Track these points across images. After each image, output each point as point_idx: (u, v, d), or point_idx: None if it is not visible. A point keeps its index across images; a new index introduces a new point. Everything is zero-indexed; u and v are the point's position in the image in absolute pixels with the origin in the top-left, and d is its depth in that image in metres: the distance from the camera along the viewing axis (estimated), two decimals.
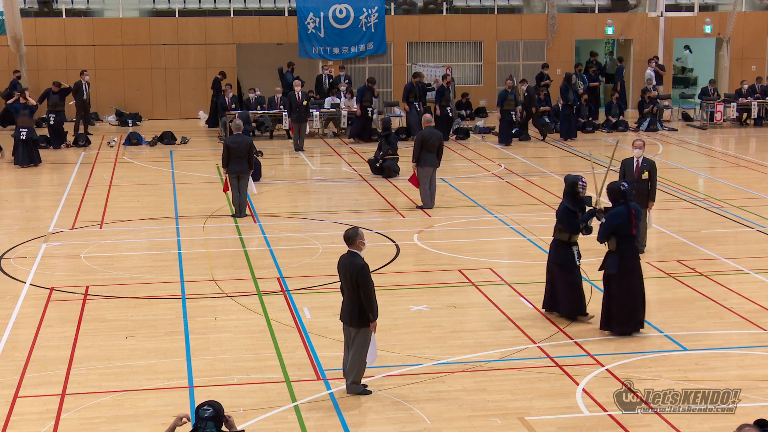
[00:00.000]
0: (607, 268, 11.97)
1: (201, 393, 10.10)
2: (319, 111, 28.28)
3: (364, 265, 10.04)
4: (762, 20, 35.00)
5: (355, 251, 10.15)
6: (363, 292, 10.00)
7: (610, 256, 11.97)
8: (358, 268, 10.02)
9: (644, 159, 15.38)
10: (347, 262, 10.13)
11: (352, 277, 10.04)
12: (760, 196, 19.96)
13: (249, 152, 18.12)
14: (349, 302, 10.15)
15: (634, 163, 15.37)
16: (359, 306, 10.06)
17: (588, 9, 34.73)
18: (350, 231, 10.22)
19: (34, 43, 31.09)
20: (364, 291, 10.00)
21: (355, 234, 10.17)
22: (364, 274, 10.00)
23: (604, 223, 12.01)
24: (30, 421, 9.71)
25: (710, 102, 30.24)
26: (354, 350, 10.18)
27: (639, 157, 15.32)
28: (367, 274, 10.04)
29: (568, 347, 11.60)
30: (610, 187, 12.28)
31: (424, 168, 18.80)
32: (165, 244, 16.65)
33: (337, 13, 32.50)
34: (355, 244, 10.15)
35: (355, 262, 10.06)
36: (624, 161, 15.61)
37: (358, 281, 10.00)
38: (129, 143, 27.37)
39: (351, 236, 10.17)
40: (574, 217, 12.43)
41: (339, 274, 10.35)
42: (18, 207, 19.71)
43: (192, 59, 32.02)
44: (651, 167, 15.37)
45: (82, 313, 12.91)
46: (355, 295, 10.07)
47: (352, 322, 10.13)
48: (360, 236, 10.17)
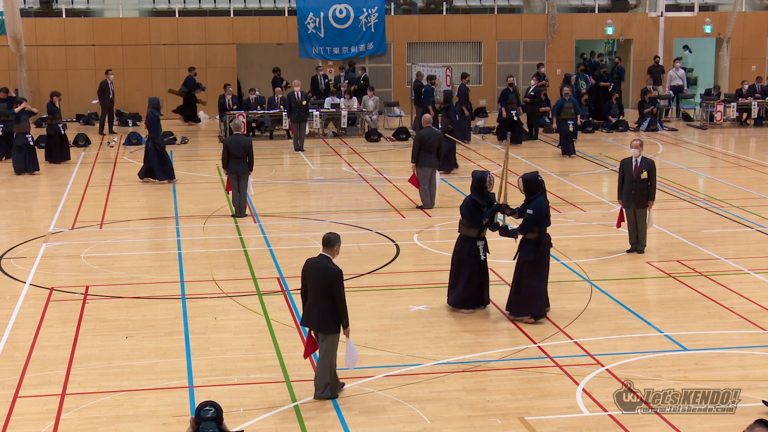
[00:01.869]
0: (524, 255, 12.43)
1: (201, 393, 10.10)
2: (319, 111, 28.28)
3: (339, 272, 9.90)
4: (762, 20, 35.01)
5: (328, 256, 10.00)
6: (338, 298, 9.86)
7: (528, 244, 12.43)
8: (333, 274, 9.85)
9: (643, 158, 15.39)
10: (320, 267, 9.94)
11: (325, 282, 9.86)
12: (760, 196, 19.96)
13: (248, 152, 18.11)
14: (318, 307, 9.93)
15: (633, 163, 15.37)
16: (329, 312, 9.90)
17: (588, 9, 34.74)
18: (332, 235, 10.05)
19: (34, 43, 31.11)
20: (339, 298, 9.86)
21: (337, 239, 10.03)
22: (339, 281, 9.86)
23: (531, 215, 12.30)
24: (30, 421, 9.71)
25: (710, 102, 30.25)
26: (321, 356, 10.02)
27: (637, 156, 15.34)
28: (342, 281, 9.90)
29: (568, 347, 11.60)
30: (527, 178, 12.61)
31: (423, 168, 18.80)
32: (165, 244, 16.65)
33: (337, 13, 32.51)
34: (332, 249, 10.00)
35: (329, 267, 9.89)
36: (623, 161, 15.63)
37: (332, 287, 9.85)
38: (129, 143, 27.37)
39: (332, 240, 10.00)
40: (478, 212, 12.68)
41: (304, 278, 10.10)
42: (18, 207, 19.71)
43: (192, 59, 32.02)
44: (650, 167, 15.38)
45: (82, 313, 12.91)
46: (326, 301, 9.88)
47: (321, 327, 9.95)
48: (340, 243, 10.05)
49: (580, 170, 23.02)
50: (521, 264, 12.52)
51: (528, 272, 12.45)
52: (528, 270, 12.46)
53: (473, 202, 12.77)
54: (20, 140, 22.79)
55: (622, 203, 15.53)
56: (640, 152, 15.39)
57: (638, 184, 15.30)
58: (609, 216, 18.06)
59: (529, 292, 12.43)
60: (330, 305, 9.89)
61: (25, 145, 22.76)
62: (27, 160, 22.75)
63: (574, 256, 15.42)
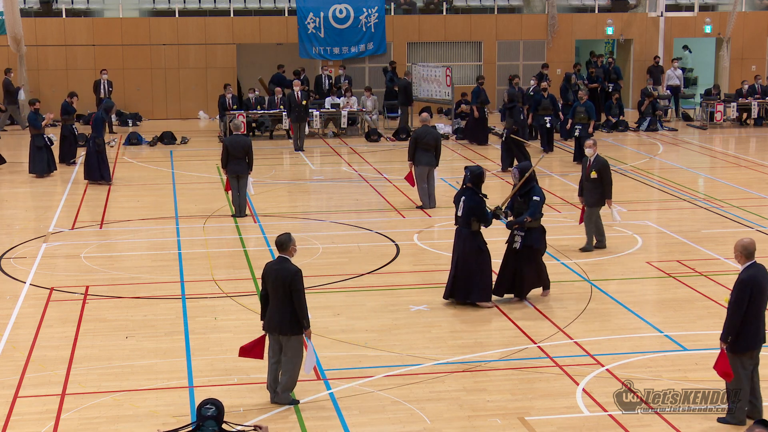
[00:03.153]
0: (533, 243, 13.09)
1: (201, 393, 10.10)
2: (319, 111, 28.27)
3: (298, 271, 9.88)
4: (762, 20, 35.00)
5: (286, 257, 9.98)
6: (296, 298, 9.82)
7: (535, 232, 13.14)
8: (291, 273, 9.83)
9: (596, 158, 15.61)
10: (278, 268, 9.92)
11: (284, 283, 9.82)
12: (760, 196, 19.96)
13: (248, 152, 18.11)
14: (279, 310, 9.89)
15: (586, 163, 15.70)
16: (291, 313, 9.86)
17: (588, 9, 34.74)
18: (283, 237, 10.03)
19: (34, 43, 31.10)
20: (298, 297, 9.82)
21: (289, 240, 10.01)
22: (298, 280, 9.83)
23: (539, 201, 13.09)
24: (30, 421, 9.71)
25: (710, 102, 30.25)
26: (288, 358, 9.96)
27: (591, 156, 15.59)
28: (301, 280, 9.87)
29: (568, 347, 11.60)
30: (522, 167, 13.41)
31: (420, 167, 18.79)
32: (165, 244, 16.65)
33: (337, 13, 32.50)
34: (288, 250, 9.99)
35: (287, 268, 9.87)
36: (583, 159, 16.10)
37: (291, 287, 9.81)
38: (129, 143, 27.38)
39: (284, 242, 9.99)
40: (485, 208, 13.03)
41: (264, 282, 10.06)
42: (18, 207, 19.71)
43: (192, 59, 32.03)
44: (601, 167, 15.56)
45: (82, 313, 12.91)
46: (287, 302, 9.85)
47: (284, 329, 9.89)
48: (293, 242, 10.03)
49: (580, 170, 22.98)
50: (527, 251, 13.08)
51: (531, 258, 13.13)
52: (531, 256, 13.13)
53: (482, 200, 12.98)
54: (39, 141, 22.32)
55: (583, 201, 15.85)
56: (594, 152, 15.61)
57: (589, 183, 15.58)
58: (609, 216, 18.03)
59: (531, 276, 13.18)
60: (291, 306, 9.85)
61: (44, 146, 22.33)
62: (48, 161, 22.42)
63: (574, 256, 15.42)
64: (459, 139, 27.93)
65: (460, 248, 13.01)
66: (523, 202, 13.22)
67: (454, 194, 13.68)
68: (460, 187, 13.25)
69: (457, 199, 13.15)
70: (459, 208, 13.04)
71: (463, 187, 13.12)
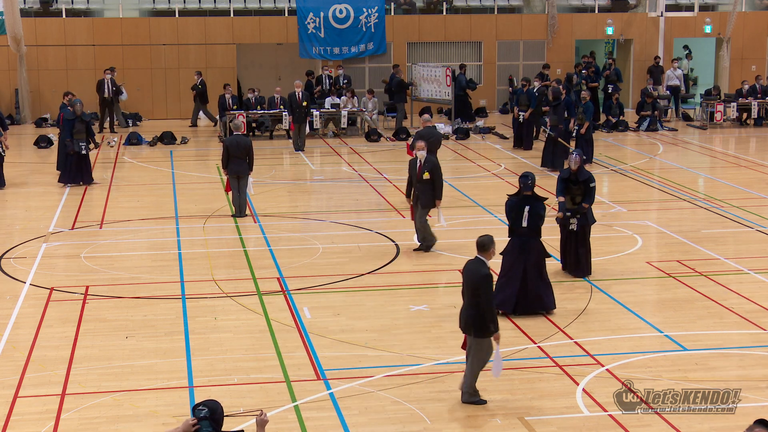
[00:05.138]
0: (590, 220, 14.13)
1: (201, 393, 10.10)
2: (319, 111, 28.27)
3: (488, 276, 9.85)
4: (762, 20, 35.00)
5: (483, 259, 9.98)
6: (483, 302, 9.80)
7: (590, 211, 14.10)
8: (480, 276, 9.84)
9: (427, 159, 15.60)
10: (471, 268, 9.95)
11: (472, 284, 9.86)
12: (760, 196, 19.96)
13: (248, 153, 18.11)
14: (466, 309, 9.97)
15: (417, 164, 15.59)
16: (475, 315, 9.85)
17: (588, 9, 34.74)
18: (486, 238, 10.02)
19: (34, 43, 31.10)
20: (485, 301, 9.80)
21: (491, 242, 10.01)
22: (485, 284, 9.82)
23: (594, 185, 14.02)
24: (30, 421, 9.71)
25: (710, 102, 30.25)
26: (471, 358, 10.00)
27: (422, 158, 15.57)
28: (490, 285, 9.85)
29: (568, 347, 11.60)
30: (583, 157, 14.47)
31: None
32: (165, 244, 16.65)
33: (337, 13, 32.50)
34: (487, 252, 9.99)
35: (478, 271, 9.87)
36: (410, 161, 15.87)
37: (478, 290, 9.82)
38: (129, 143, 27.38)
39: (486, 243, 9.99)
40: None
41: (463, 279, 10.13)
42: (18, 207, 19.71)
43: (192, 59, 32.02)
44: (433, 167, 15.57)
45: (82, 313, 12.91)
46: (474, 303, 9.86)
47: (468, 329, 9.95)
48: (494, 245, 10.05)
49: None
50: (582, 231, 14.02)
51: (586, 237, 14.09)
52: (587, 235, 14.10)
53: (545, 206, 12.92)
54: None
55: (411, 202, 15.80)
56: (425, 153, 15.64)
57: (421, 184, 15.56)
58: (609, 216, 18.06)
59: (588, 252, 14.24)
60: (477, 308, 9.85)
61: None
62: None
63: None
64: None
65: (527, 259, 12.64)
66: (577, 188, 13.96)
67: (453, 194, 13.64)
68: (517, 196, 12.80)
69: (517, 209, 12.72)
70: (523, 218, 12.60)
71: (523, 195, 12.71)
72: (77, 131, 21.27)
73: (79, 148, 21.24)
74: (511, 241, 12.81)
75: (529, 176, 12.76)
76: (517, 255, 12.67)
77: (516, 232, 12.75)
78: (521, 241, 12.69)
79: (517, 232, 12.73)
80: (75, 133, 21.22)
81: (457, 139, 28.11)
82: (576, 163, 14.07)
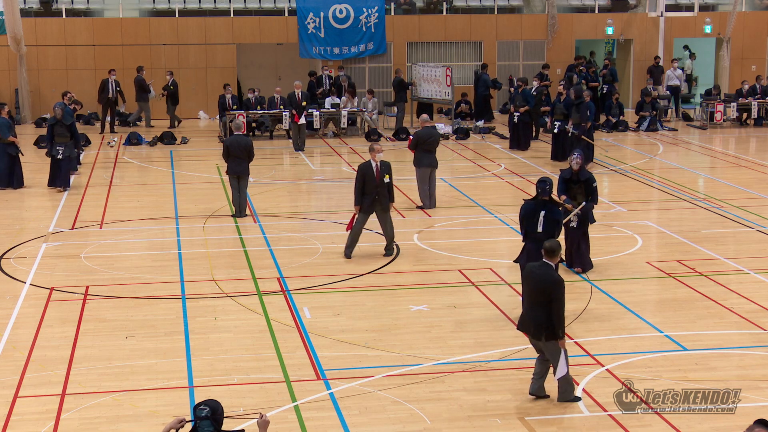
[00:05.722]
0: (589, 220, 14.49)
1: (201, 393, 10.10)
2: (319, 111, 28.27)
3: (561, 281, 9.82)
4: (762, 20, 35.01)
5: (550, 263, 9.94)
6: (556, 307, 9.75)
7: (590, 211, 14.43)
8: (555, 282, 9.78)
9: (382, 162, 15.36)
10: (541, 273, 9.88)
11: (545, 290, 9.77)
12: (760, 196, 19.96)
13: (249, 153, 18.11)
14: (535, 313, 9.86)
15: (373, 167, 15.27)
16: (545, 319, 9.79)
17: (588, 9, 34.74)
18: (555, 244, 9.99)
19: (34, 43, 31.10)
20: (558, 307, 9.76)
21: (559, 247, 10.01)
22: (559, 289, 9.77)
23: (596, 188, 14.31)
24: (30, 421, 9.71)
25: (711, 102, 30.25)
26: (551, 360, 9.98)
27: (377, 161, 15.32)
28: (563, 290, 9.80)
29: (568, 347, 11.57)
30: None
31: (421, 168, 18.80)
32: (165, 244, 16.65)
33: (337, 13, 32.50)
34: (556, 257, 9.97)
35: (551, 276, 9.83)
36: (362, 166, 15.43)
37: (552, 296, 9.75)
38: (129, 143, 27.38)
39: (555, 249, 9.96)
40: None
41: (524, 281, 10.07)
42: (18, 207, 19.71)
43: (192, 59, 32.02)
44: (388, 169, 15.41)
45: (82, 313, 12.91)
46: (544, 308, 9.77)
47: (538, 333, 9.89)
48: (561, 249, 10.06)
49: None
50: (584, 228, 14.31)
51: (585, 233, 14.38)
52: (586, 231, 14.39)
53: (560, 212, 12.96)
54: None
55: (361, 208, 15.37)
56: (382, 155, 15.47)
57: (381, 188, 15.31)
58: (609, 216, 18.06)
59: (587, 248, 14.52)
60: (547, 312, 9.79)
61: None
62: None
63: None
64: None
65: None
66: (578, 187, 14.23)
67: (454, 194, 13.63)
68: (534, 201, 12.61)
69: (531, 214, 12.52)
70: (539, 224, 12.44)
71: (539, 200, 12.54)
72: (58, 135, 20.70)
73: (55, 152, 20.59)
74: (526, 246, 12.60)
75: (547, 181, 12.54)
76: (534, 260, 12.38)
77: (531, 237, 12.53)
78: (537, 248, 12.25)
79: (532, 238, 12.51)
80: (56, 136, 20.65)
81: (457, 139, 28.11)
82: (577, 163, 14.21)
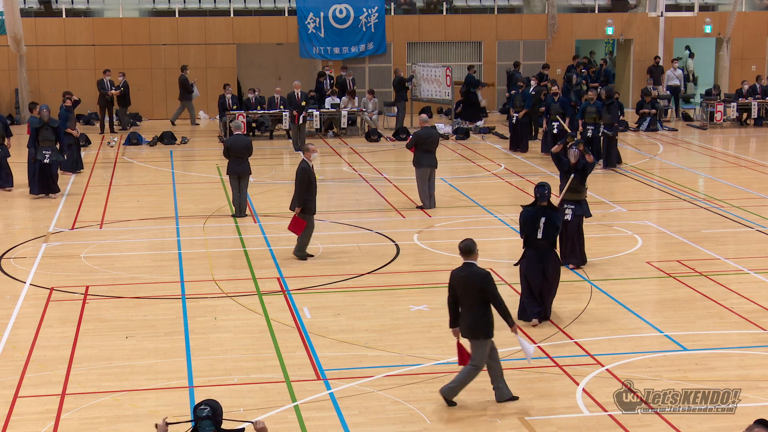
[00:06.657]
0: (585, 213, 14.61)
1: (201, 393, 10.10)
2: (319, 111, 28.27)
3: (488, 274, 9.86)
4: (762, 20, 35.01)
5: (472, 262, 9.94)
6: (493, 299, 9.83)
7: (584, 204, 14.63)
8: (482, 277, 9.81)
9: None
10: (467, 274, 9.88)
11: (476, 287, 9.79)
12: (760, 196, 19.96)
13: (249, 152, 18.12)
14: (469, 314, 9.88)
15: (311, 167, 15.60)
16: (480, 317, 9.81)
17: (588, 9, 34.74)
18: (468, 242, 9.98)
19: (34, 43, 31.10)
20: (494, 298, 9.83)
21: (474, 244, 9.99)
22: (490, 282, 9.83)
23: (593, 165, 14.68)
24: (30, 421, 9.71)
25: (711, 102, 30.25)
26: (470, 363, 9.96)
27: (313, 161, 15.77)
28: (493, 281, 9.85)
29: (568, 347, 11.60)
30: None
31: (421, 168, 18.80)
32: (165, 244, 16.65)
33: (337, 13, 32.50)
34: (474, 255, 9.95)
35: (477, 272, 9.84)
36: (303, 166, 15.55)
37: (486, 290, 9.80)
38: (129, 143, 27.38)
39: (471, 247, 9.95)
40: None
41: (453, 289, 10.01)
42: (18, 207, 19.71)
43: (192, 59, 32.02)
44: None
45: (82, 313, 12.91)
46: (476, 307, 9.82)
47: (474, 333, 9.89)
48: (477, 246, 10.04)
49: None
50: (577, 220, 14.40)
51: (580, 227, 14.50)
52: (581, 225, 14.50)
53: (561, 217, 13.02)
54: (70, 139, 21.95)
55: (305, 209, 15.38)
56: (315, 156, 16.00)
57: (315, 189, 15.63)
58: (609, 216, 18.07)
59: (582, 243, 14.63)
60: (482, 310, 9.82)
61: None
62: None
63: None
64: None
65: (545, 269, 12.36)
66: (575, 177, 14.31)
67: (453, 194, 13.62)
68: (533, 206, 12.47)
69: (532, 221, 12.33)
70: (539, 230, 12.30)
71: (538, 206, 12.39)
72: (43, 138, 20.13)
73: (41, 156, 20.06)
74: (526, 253, 12.47)
75: (545, 186, 12.42)
76: (533, 266, 12.36)
77: (531, 244, 12.41)
78: (538, 254, 12.36)
79: (532, 244, 12.39)
80: (41, 140, 20.17)
81: (457, 139, 28.11)
82: (575, 157, 14.43)
